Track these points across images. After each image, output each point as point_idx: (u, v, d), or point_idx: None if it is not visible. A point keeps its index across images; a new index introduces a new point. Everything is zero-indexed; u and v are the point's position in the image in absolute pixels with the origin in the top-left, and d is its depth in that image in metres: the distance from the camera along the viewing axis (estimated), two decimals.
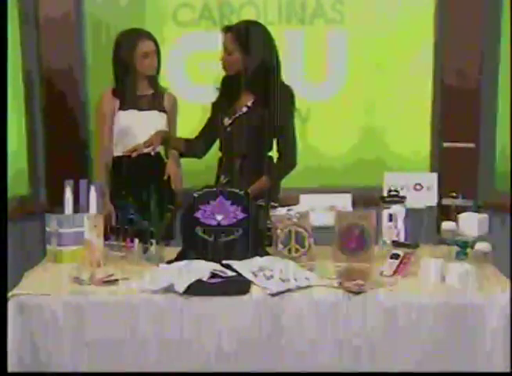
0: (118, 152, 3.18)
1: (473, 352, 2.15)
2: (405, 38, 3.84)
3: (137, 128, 3.12)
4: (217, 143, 3.07)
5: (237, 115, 2.92)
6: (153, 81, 3.19)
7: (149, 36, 3.13)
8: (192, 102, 3.71)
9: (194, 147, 3.06)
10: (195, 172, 3.29)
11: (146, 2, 3.80)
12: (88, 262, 2.46)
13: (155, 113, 3.16)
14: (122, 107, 3.15)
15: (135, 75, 3.13)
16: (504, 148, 3.70)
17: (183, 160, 3.23)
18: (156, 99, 3.19)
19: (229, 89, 2.97)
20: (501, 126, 3.74)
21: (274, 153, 3.00)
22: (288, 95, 2.94)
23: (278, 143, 2.96)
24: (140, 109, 3.15)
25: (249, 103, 2.91)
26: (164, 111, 3.19)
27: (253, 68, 2.86)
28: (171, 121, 3.24)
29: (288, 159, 2.94)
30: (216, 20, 3.78)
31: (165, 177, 3.03)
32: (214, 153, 3.09)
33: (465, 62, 3.72)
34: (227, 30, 2.91)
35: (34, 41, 3.67)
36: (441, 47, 3.79)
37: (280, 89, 2.91)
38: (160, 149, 3.23)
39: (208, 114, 3.08)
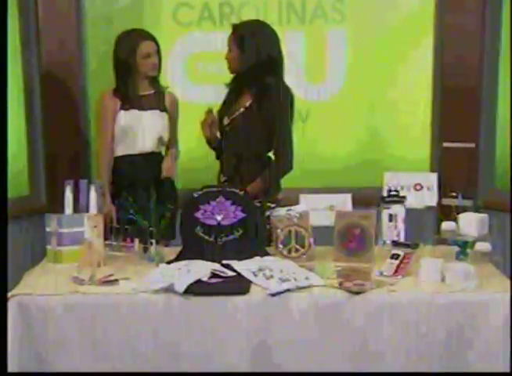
0: (119, 152, 3.18)
1: (473, 352, 2.15)
2: (405, 38, 3.84)
3: (138, 127, 3.12)
4: None
5: (235, 115, 2.93)
6: (154, 80, 3.19)
7: (149, 36, 3.12)
8: (192, 102, 3.71)
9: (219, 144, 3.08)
10: (195, 172, 3.29)
11: (145, 2, 3.80)
12: (88, 262, 2.46)
13: (156, 112, 3.16)
14: (123, 107, 3.15)
15: (136, 75, 3.13)
16: (504, 148, 3.70)
17: (185, 160, 3.24)
18: (158, 99, 3.19)
19: (232, 89, 2.99)
20: (501, 126, 3.74)
21: (272, 154, 3.00)
22: (287, 97, 2.93)
23: (274, 146, 2.96)
24: (141, 108, 3.15)
25: (247, 104, 2.91)
26: (165, 111, 3.19)
27: (250, 67, 2.86)
28: (173, 121, 3.24)
29: (284, 162, 2.94)
30: (216, 20, 3.78)
31: (162, 175, 3.05)
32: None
33: (465, 62, 3.72)
34: (232, 28, 2.94)
35: (35, 42, 3.68)
36: (440, 47, 3.78)
37: (280, 91, 2.91)
38: (161, 149, 3.24)
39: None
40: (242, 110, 2.92)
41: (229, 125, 2.95)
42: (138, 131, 3.12)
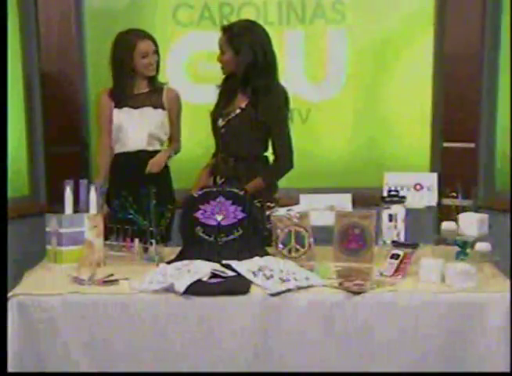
0: (115, 150, 3.19)
1: (473, 352, 2.15)
2: (405, 38, 3.84)
3: (130, 125, 3.13)
4: (212, 144, 3.07)
5: (231, 116, 2.92)
6: (152, 80, 3.18)
7: (148, 36, 3.12)
8: (192, 102, 3.71)
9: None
10: (195, 172, 3.28)
11: (145, 2, 3.80)
12: (88, 262, 2.46)
13: (148, 109, 3.15)
14: (117, 105, 3.16)
15: (133, 75, 3.13)
16: (504, 148, 3.70)
17: (183, 160, 3.24)
18: (153, 96, 3.18)
19: (226, 90, 2.97)
20: (501, 126, 3.74)
21: (270, 154, 3.00)
22: (282, 97, 2.93)
23: (273, 145, 2.96)
24: (134, 106, 3.15)
25: (243, 105, 2.91)
26: (162, 107, 3.18)
27: (245, 69, 2.85)
28: (174, 117, 3.22)
29: (283, 161, 2.93)
30: (216, 20, 3.78)
31: (146, 170, 3.05)
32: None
33: (465, 62, 3.72)
34: (222, 30, 2.92)
35: (35, 41, 3.68)
36: (441, 47, 3.79)
37: (274, 91, 2.90)
38: (157, 146, 3.23)
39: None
40: (238, 111, 2.91)
41: (225, 127, 2.94)
42: (129, 128, 3.13)
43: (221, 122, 2.95)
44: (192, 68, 3.82)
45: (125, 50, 3.08)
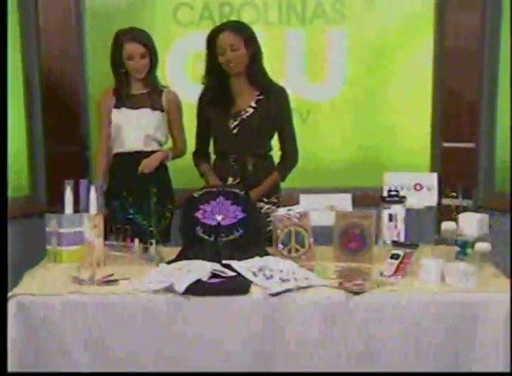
0: (115, 150, 3.19)
1: (473, 352, 2.15)
2: (405, 38, 3.84)
3: (127, 125, 3.13)
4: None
5: (244, 116, 2.91)
6: (147, 80, 3.18)
7: (137, 38, 3.08)
8: (192, 102, 3.70)
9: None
10: (195, 172, 3.29)
11: (146, 2, 3.80)
12: (88, 262, 2.47)
13: (146, 111, 3.15)
14: (116, 106, 3.16)
15: (128, 75, 3.14)
16: (504, 148, 3.70)
17: (184, 160, 3.24)
18: (151, 98, 3.18)
19: (224, 91, 2.96)
20: (501, 126, 3.74)
21: (274, 153, 3.01)
22: (284, 91, 2.96)
23: (281, 142, 2.97)
24: (131, 107, 3.15)
25: (252, 103, 2.91)
26: (161, 109, 3.18)
27: (255, 64, 2.87)
28: (174, 120, 3.22)
29: (292, 157, 2.97)
30: (216, 20, 3.77)
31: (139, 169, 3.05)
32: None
33: (465, 62, 3.72)
34: (225, 28, 2.89)
35: (35, 41, 3.68)
36: (440, 47, 3.78)
37: (276, 86, 2.94)
38: (155, 148, 3.23)
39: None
40: (250, 109, 2.91)
41: (238, 126, 2.92)
42: (126, 129, 3.13)
43: (232, 123, 2.94)
44: (192, 68, 3.82)
45: (115, 50, 3.10)
